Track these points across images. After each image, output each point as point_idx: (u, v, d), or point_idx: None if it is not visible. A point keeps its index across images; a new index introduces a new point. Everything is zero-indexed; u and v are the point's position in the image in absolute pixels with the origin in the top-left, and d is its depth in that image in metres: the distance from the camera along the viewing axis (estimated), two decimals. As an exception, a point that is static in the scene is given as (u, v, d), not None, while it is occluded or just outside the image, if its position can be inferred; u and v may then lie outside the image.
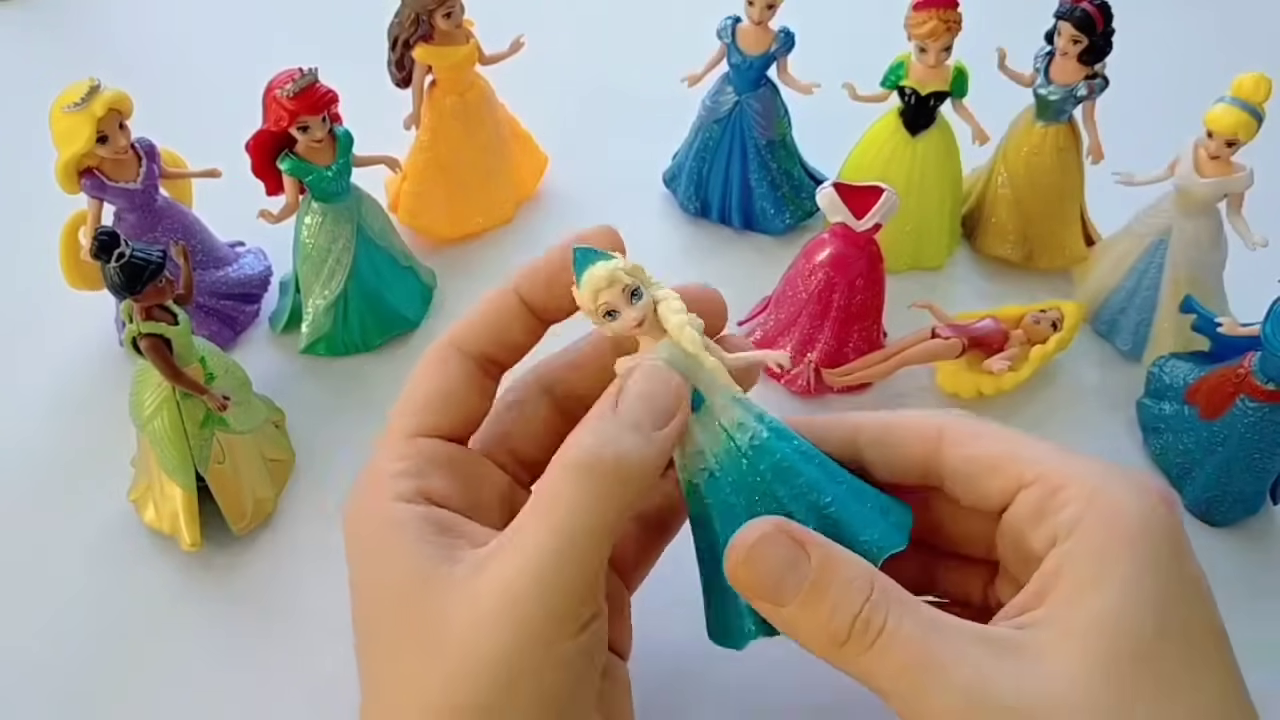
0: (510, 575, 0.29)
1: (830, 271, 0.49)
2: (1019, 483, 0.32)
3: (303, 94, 0.46)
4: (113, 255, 0.39)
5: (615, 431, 0.30)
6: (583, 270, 0.33)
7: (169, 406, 0.43)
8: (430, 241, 0.58)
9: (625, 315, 0.32)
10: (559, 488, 0.30)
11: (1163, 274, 0.52)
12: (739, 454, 0.32)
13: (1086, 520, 0.30)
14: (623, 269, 0.32)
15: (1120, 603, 0.29)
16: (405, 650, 0.30)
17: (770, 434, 0.33)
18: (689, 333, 0.32)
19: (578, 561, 0.29)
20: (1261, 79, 0.46)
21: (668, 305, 0.33)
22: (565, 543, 0.29)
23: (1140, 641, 0.28)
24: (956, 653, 0.28)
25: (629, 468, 0.30)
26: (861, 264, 0.49)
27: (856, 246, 0.48)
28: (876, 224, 0.47)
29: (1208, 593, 0.30)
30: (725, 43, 0.56)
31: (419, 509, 0.31)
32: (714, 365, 0.33)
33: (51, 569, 0.44)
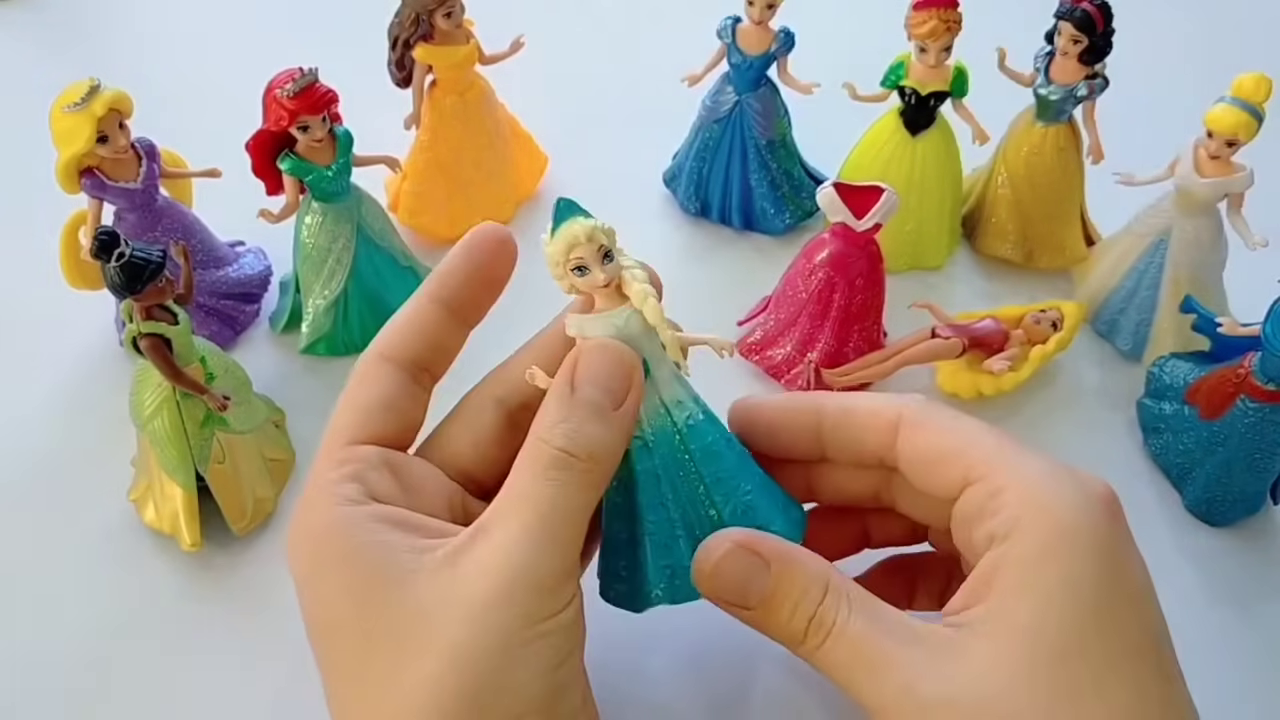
0: (496, 563, 0.29)
1: (830, 271, 0.49)
2: (965, 479, 0.33)
3: (303, 94, 0.46)
4: (113, 255, 0.39)
5: (580, 419, 0.32)
6: (563, 221, 0.33)
7: (169, 406, 0.43)
8: (430, 241, 0.58)
9: (595, 274, 0.33)
10: (534, 486, 0.31)
11: (1163, 274, 0.52)
12: (674, 430, 0.34)
13: (1022, 524, 0.31)
14: (602, 229, 0.34)
15: (1046, 608, 0.30)
16: (379, 651, 0.30)
17: (705, 417, 0.35)
18: (652, 303, 0.33)
19: (560, 546, 0.30)
20: (1261, 79, 0.46)
21: (633, 274, 0.34)
22: (546, 530, 0.30)
23: (1064, 646, 0.29)
24: (896, 651, 0.30)
25: (599, 459, 0.32)
26: (862, 264, 0.49)
27: (857, 246, 0.48)
28: (877, 224, 0.47)
29: (1143, 595, 0.31)
30: (725, 43, 0.56)
31: (369, 508, 0.31)
32: (670, 339, 0.34)
33: (52, 569, 0.44)
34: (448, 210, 0.58)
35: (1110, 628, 0.30)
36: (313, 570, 0.32)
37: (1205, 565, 0.46)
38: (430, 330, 0.35)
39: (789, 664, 0.37)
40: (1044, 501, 0.31)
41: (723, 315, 0.54)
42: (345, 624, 0.31)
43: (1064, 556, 0.31)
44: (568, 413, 0.32)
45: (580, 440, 0.31)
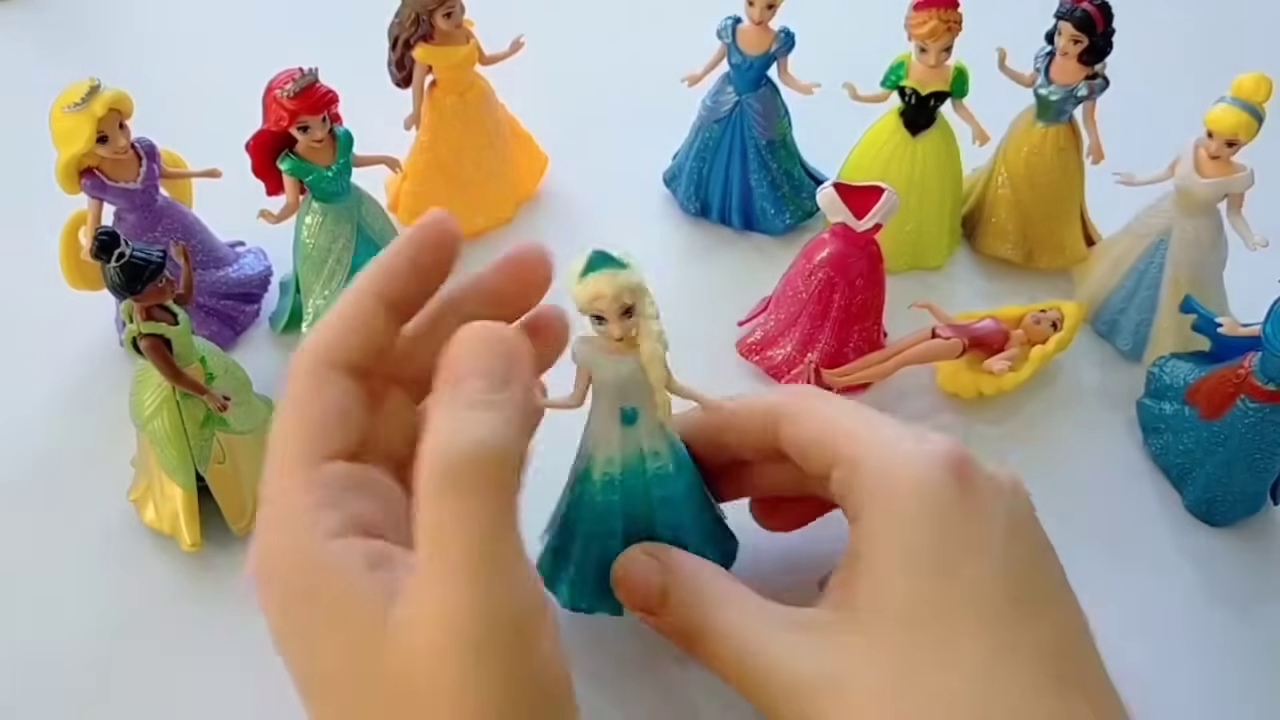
0: (449, 632, 0.27)
1: (830, 271, 0.49)
2: (832, 462, 0.34)
3: (303, 94, 0.46)
4: (113, 255, 0.39)
5: (461, 421, 0.29)
6: (595, 270, 0.34)
7: (169, 406, 0.43)
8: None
9: (611, 328, 0.35)
10: (440, 519, 0.28)
11: (1163, 274, 0.51)
12: (643, 475, 0.38)
13: (867, 499, 0.33)
14: (630, 287, 0.34)
15: (885, 583, 0.31)
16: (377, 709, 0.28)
17: (675, 470, 0.38)
18: (658, 367, 0.35)
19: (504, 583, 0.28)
20: (1261, 79, 0.46)
21: (648, 328, 0.35)
22: (477, 574, 0.28)
23: (905, 618, 0.31)
24: (772, 640, 0.32)
25: (488, 459, 0.28)
26: (862, 264, 0.49)
27: (857, 246, 0.48)
28: (877, 224, 0.47)
29: (991, 547, 0.31)
30: (725, 43, 0.56)
31: (353, 543, 0.29)
32: (664, 402, 0.36)
33: (52, 569, 0.44)
34: (448, 210, 0.58)
35: (953, 590, 0.31)
36: (295, 622, 0.29)
37: (1205, 565, 0.46)
38: (373, 330, 0.33)
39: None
40: (886, 472, 0.33)
41: (723, 315, 0.54)
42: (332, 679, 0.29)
43: (901, 526, 0.32)
44: (450, 417, 0.29)
45: (464, 449, 0.28)
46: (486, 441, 0.29)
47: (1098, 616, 0.45)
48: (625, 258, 0.34)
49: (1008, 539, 0.32)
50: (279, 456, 0.31)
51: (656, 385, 0.36)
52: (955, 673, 0.30)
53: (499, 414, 0.29)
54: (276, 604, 0.30)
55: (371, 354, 0.33)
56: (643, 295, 0.35)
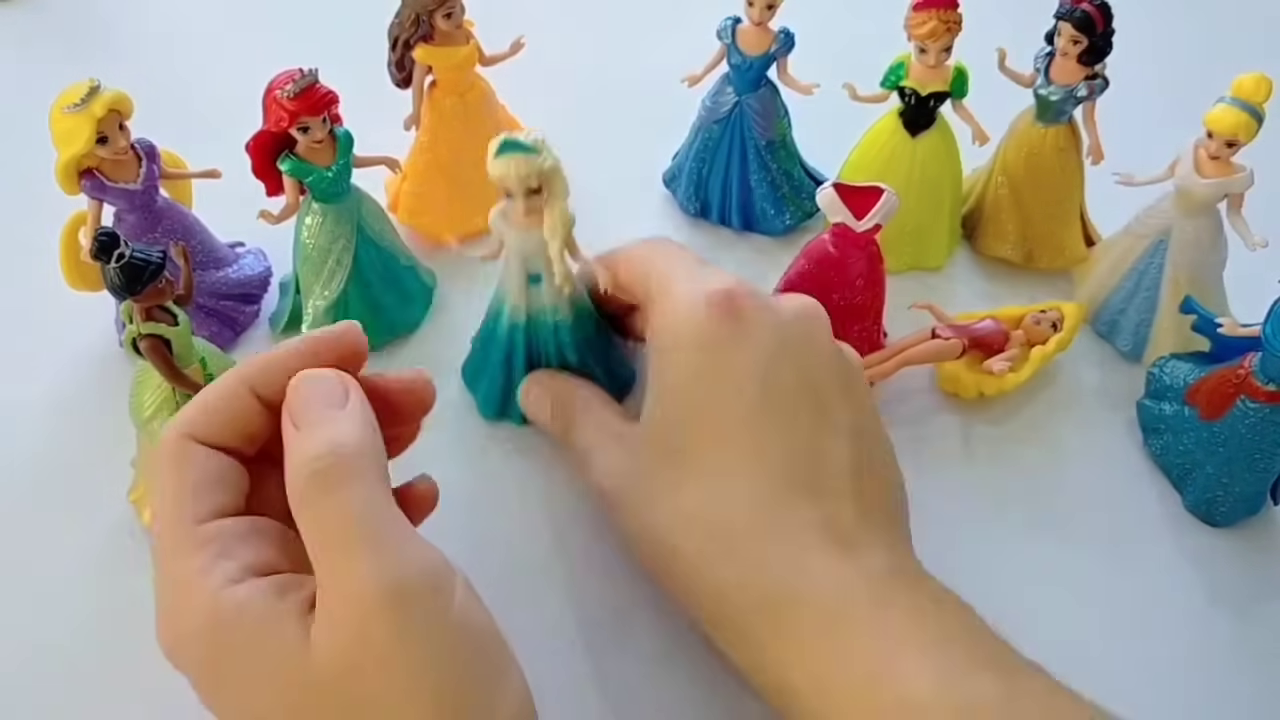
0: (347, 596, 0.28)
1: (831, 271, 0.49)
2: (643, 298, 0.42)
3: (303, 94, 0.46)
4: (113, 256, 0.39)
5: (310, 439, 0.31)
6: (504, 152, 0.41)
7: (169, 407, 0.43)
8: (430, 241, 0.58)
9: (517, 204, 0.42)
10: (318, 516, 0.29)
11: (1163, 274, 0.51)
12: (545, 324, 0.47)
13: (651, 337, 0.40)
14: (534, 172, 0.41)
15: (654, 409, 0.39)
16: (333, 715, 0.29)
17: (573, 321, 0.47)
18: (555, 244, 0.43)
19: (396, 550, 0.29)
20: (1261, 79, 0.46)
21: (553, 210, 0.42)
22: (371, 550, 0.29)
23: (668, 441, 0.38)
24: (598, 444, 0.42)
25: (343, 446, 0.30)
26: (861, 264, 0.48)
27: (857, 247, 0.48)
28: (876, 224, 0.47)
29: (748, 369, 0.37)
30: (725, 43, 0.56)
31: (256, 583, 0.30)
32: (560, 273, 0.45)
33: (52, 570, 0.44)
34: (448, 211, 0.58)
35: (704, 413, 0.37)
36: (213, 668, 0.30)
37: (1205, 565, 0.46)
38: (239, 414, 0.33)
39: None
40: (665, 310, 0.39)
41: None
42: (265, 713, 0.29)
43: (663, 358, 0.39)
44: (300, 438, 0.31)
45: (318, 449, 0.30)
46: (339, 439, 0.31)
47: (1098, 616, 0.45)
48: (536, 144, 0.41)
49: (771, 360, 0.36)
50: (160, 531, 0.32)
51: (555, 258, 0.44)
52: (691, 487, 0.36)
53: (345, 420, 0.31)
54: (194, 661, 0.31)
55: (238, 436, 0.34)
56: (553, 178, 0.42)
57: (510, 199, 0.42)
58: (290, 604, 0.29)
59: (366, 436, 0.31)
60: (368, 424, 0.32)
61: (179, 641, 0.31)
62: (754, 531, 0.35)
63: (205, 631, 0.30)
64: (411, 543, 0.30)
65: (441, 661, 0.29)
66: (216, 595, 0.29)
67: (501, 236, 0.44)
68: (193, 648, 0.30)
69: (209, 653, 0.30)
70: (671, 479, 0.37)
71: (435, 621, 0.29)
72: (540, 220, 0.43)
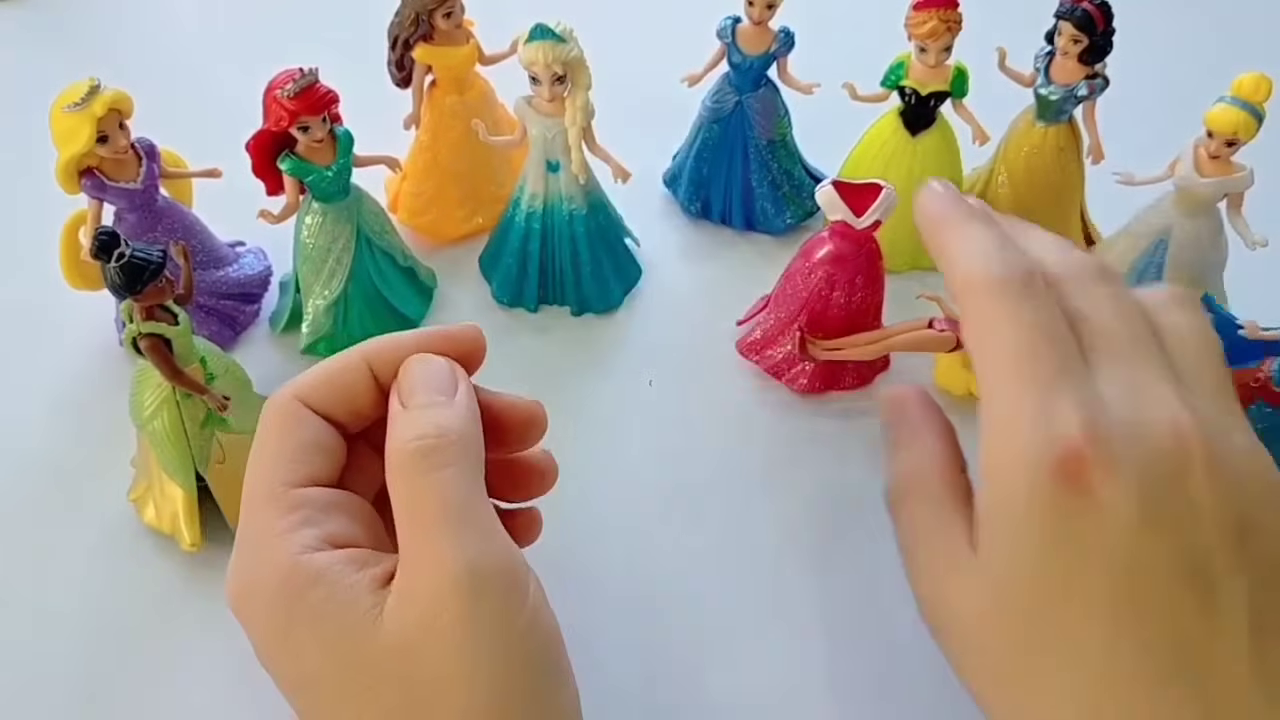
0: (440, 587, 0.28)
1: (830, 269, 0.49)
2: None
3: (303, 94, 0.46)
4: (113, 255, 0.39)
5: (416, 416, 0.31)
6: (535, 39, 0.47)
7: (169, 406, 0.43)
8: (430, 241, 0.58)
9: (542, 90, 0.48)
10: (413, 488, 0.30)
11: (1163, 274, 0.51)
12: (562, 212, 0.53)
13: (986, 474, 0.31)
14: (561, 59, 0.46)
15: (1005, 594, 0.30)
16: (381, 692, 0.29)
17: (587, 211, 0.53)
18: (575, 131, 0.48)
19: (480, 534, 0.29)
20: (1261, 79, 0.46)
21: (574, 99, 0.48)
22: (458, 528, 0.29)
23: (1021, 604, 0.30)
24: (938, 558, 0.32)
25: (451, 430, 0.31)
26: (860, 261, 0.49)
27: (856, 244, 0.48)
28: (876, 221, 0.47)
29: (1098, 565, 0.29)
30: (725, 43, 0.56)
31: (331, 554, 0.30)
32: (578, 161, 0.50)
33: (52, 569, 0.44)
34: (448, 210, 0.58)
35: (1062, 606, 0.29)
36: (279, 628, 0.30)
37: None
38: (352, 389, 0.34)
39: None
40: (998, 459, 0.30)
41: (723, 316, 0.54)
42: (324, 679, 0.29)
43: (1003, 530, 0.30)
44: (408, 417, 0.31)
45: (426, 427, 0.31)
46: (444, 423, 0.31)
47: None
48: (564, 33, 0.47)
49: (1134, 539, 0.28)
50: (252, 486, 0.32)
51: (574, 144, 0.49)
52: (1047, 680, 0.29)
53: (452, 407, 0.32)
54: (260, 619, 0.30)
55: (346, 410, 0.34)
56: (577, 68, 0.47)
57: (535, 84, 0.47)
58: (365, 578, 0.30)
59: (469, 428, 0.32)
60: (473, 417, 0.32)
61: (248, 596, 0.31)
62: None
63: (278, 592, 0.30)
64: (497, 537, 0.30)
65: (504, 656, 0.29)
66: (295, 559, 0.30)
67: (525, 123, 0.49)
68: (261, 606, 0.30)
69: (278, 614, 0.30)
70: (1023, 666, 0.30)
71: (506, 616, 0.29)
72: (562, 108, 0.48)
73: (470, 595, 0.28)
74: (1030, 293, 0.31)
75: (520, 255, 0.54)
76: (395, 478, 0.30)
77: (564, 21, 0.47)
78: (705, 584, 0.44)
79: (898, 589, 0.34)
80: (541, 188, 0.52)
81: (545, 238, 0.53)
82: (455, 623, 0.28)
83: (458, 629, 0.28)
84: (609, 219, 0.55)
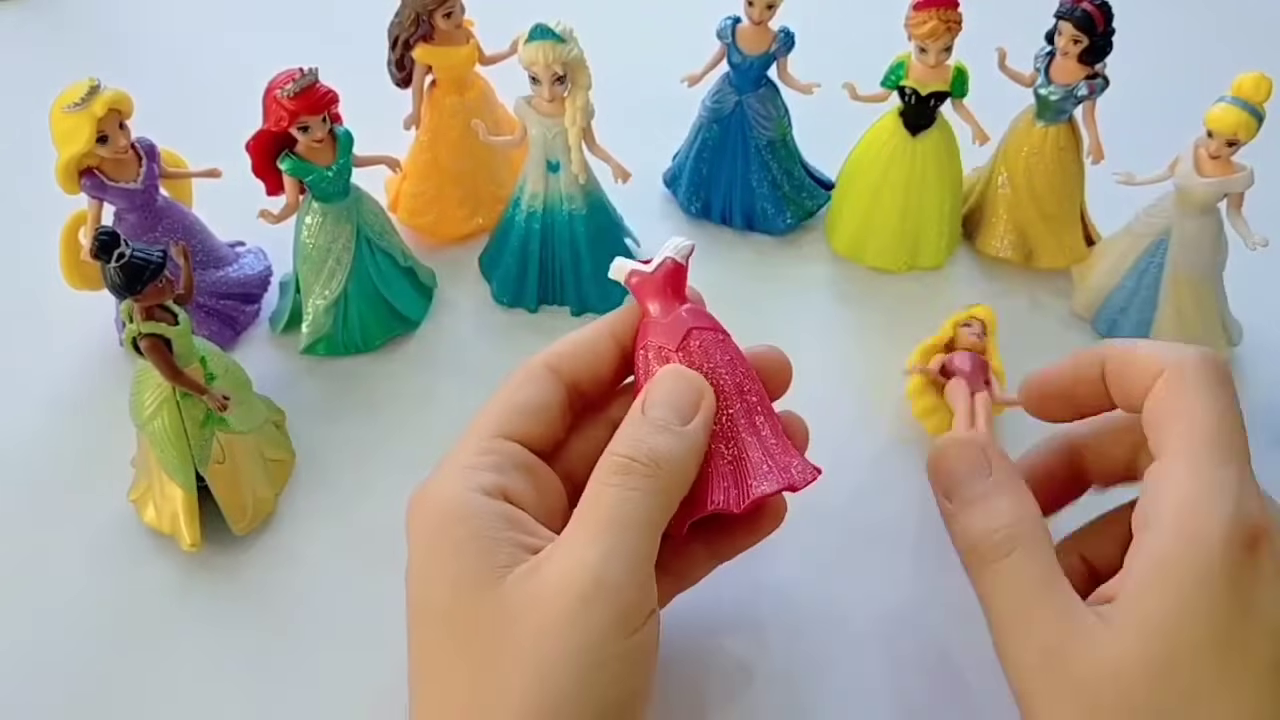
0: (565, 580, 0.30)
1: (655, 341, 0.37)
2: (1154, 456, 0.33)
3: (303, 94, 0.46)
4: (113, 255, 0.39)
5: (646, 432, 0.33)
6: (535, 39, 0.46)
7: (169, 406, 0.43)
8: (430, 241, 0.58)
9: (542, 90, 0.48)
10: (600, 492, 0.32)
11: (1163, 274, 0.51)
12: (562, 212, 0.52)
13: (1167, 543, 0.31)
14: (561, 59, 0.46)
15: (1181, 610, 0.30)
16: (460, 647, 0.31)
17: (587, 212, 0.53)
18: (574, 131, 0.48)
19: (626, 559, 0.31)
20: (1261, 79, 0.46)
21: (574, 99, 0.47)
22: (616, 542, 0.31)
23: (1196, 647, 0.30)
24: (1053, 613, 0.31)
25: (663, 463, 0.32)
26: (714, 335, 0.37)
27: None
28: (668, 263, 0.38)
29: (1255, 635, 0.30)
30: (725, 43, 0.56)
31: (494, 502, 0.32)
32: (578, 161, 0.50)
33: (51, 569, 0.44)
34: (448, 210, 0.58)
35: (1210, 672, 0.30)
36: (427, 546, 0.33)
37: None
38: (599, 360, 0.37)
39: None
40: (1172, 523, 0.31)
41: (723, 316, 0.54)
42: (436, 611, 0.32)
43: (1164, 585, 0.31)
44: (636, 429, 0.33)
45: (643, 446, 0.33)
46: (663, 452, 0.33)
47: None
48: (564, 33, 0.46)
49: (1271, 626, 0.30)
50: (473, 425, 0.35)
51: (574, 145, 0.49)
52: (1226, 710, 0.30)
53: (679, 443, 0.33)
54: (415, 530, 0.33)
55: (591, 380, 0.37)
56: (577, 68, 0.47)
57: (535, 84, 0.47)
58: (514, 537, 0.32)
59: (678, 464, 0.33)
60: (693, 451, 0.34)
61: (417, 508, 0.33)
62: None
63: (434, 514, 0.33)
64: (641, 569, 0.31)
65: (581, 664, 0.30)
66: (462, 493, 0.32)
67: (525, 123, 0.49)
68: (419, 520, 0.33)
69: (426, 533, 0.33)
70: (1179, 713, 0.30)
71: (604, 634, 0.30)
72: (562, 108, 0.48)
73: (581, 601, 0.30)
74: (1229, 379, 0.33)
75: (520, 255, 0.54)
76: (594, 473, 0.33)
77: (564, 21, 0.47)
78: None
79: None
80: (541, 188, 0.52)
81: (545, 238, 0.53)
82: (558, 615, 0.29)
83: (557, 621, 0.29)
84: (609, 219, 0.55)
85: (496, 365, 0.37)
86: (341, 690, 0.40)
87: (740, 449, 0.35)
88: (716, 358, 0.36)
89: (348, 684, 0.40)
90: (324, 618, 0.43)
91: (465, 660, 0.30)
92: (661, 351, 0.36)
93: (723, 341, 0.36)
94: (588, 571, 0.30)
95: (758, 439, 0.35)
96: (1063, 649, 0.31)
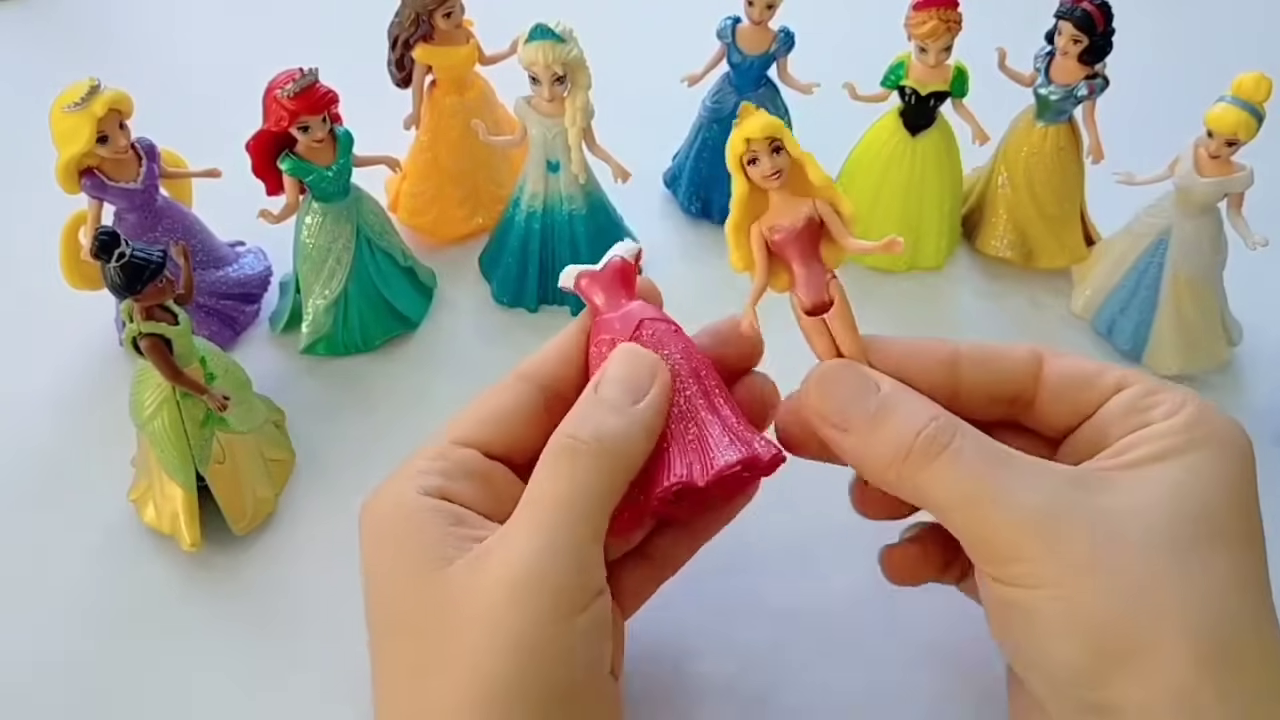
0: (509, 563, 0.30)
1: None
2: (1119, 386, 0.33)
3: (303, 94, 0.46)
4: (113, 255, 0.39)
5: (592, 411, 0.33)
6: (535, 39, 0.46)
7: (169, 406, 0.43)
8: (430, 241, 0.58)
9: (542, 90, 0.48)
10: (544, 474, 0.32)
11: (1163, 274, 0.51)
12: (562, 212, 0.53)
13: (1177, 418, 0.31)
14: (561, 59, 0.46)
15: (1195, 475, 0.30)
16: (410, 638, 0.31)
17: (586, 212, 0.53)
18: (574, 131, 0.48)
19: (564, 542, 0.30)
20: (1261, 79, 0.46)
21: (574, 100, 0.47)
22: (556, 525, 0.31)
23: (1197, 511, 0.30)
24: (1026, 477, 0.30)
25: (607, 440, 0.32)
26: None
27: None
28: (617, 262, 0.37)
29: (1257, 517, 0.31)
30: (725, 43, 0.56)
31: (437, 501, 0.32)
32: (578, 161, 0.50)
33: (52, 569, 0.44)
34: (448, 210, 0.58)
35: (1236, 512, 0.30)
36: (374, 544, 0.33)
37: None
38: (575, 363, 0.36)
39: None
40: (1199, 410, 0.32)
41: (722, 317, 0.54)
42: (383, 604, 0.32)
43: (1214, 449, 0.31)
44: (585, 408, 0.33)
45: (587, 425, 0.32)
46: (607, 430, 0.32)
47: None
48: (564, 33, 0.46)
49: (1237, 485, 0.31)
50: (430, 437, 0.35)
51: (574, 145, 0.49)
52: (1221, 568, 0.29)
53: (628, 421, 0.33)
54: (365, 534, 0.34)
55: (567, 383, 0.36)
56: (577, 68, 0.47)
57: (535, 84, 0.47)
58: (459, 533, 0.32)
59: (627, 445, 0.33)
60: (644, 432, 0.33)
61: (365, 511, 0.34)
62: None
63: (382, 513, 0.33)
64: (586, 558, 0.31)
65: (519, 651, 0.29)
66: (409, 494, 0.33)
67: (525, 123, 0.49)
68: (367, 521, 0.34)
69: (374, 531, 0.33)
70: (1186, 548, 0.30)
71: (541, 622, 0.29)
72: (562, 108, 0.48)
73: (515, 587, 0.29)
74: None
75: (520, 255, 0.54)
76: (541, 461, 0.32)
77: (564, 21, 0.47)
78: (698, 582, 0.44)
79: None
80: (541, 188, 0.52)
81: (545, 238, 0.54)
82: (494, 604, 0.29)
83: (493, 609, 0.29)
84: (609, 219, 0.55)
85: (496, 365, 0.37)
86: (341, 690, 0.40)
87: (701, 428, 0.34)
88: (671, 345, 0.35)
89: (348, 683, 0.40)
90: (324, 617, 0.43)
91: (411, 652, 0.31)
92: (615, 343, 0.35)
93: (675, 332, 0.36)
94: (522, 557, 0.30)
95: (718, 418, 0.35)
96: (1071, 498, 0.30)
